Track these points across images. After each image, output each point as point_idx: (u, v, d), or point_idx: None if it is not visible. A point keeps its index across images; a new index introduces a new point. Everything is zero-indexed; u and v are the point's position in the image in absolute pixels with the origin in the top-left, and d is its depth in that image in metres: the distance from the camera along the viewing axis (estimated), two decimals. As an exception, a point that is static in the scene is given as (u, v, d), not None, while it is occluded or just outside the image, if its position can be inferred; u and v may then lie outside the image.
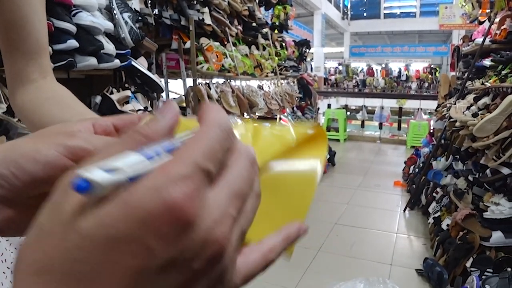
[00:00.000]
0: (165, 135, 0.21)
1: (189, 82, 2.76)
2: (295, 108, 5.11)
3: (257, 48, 4.09)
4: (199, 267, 0.19)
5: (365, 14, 16.69)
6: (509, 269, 2.07)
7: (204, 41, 2.95)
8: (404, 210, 3.83)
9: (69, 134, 0.27)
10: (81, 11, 1.58)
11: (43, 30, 0.59)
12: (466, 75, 3.63)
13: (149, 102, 2.22)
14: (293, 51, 5.26)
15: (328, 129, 8.11)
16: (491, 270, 2.17)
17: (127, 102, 1.90)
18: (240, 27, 3.65)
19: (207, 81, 3.13)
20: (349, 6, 16.47)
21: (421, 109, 8.14)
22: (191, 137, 0.20)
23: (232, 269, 0.21)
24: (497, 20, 3.21)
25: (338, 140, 7.92)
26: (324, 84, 12.04)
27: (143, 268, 0.17)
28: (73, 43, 1.47)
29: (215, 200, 0.19)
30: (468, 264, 2.30)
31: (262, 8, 4.46)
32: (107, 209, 0.17)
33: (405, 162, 5.19)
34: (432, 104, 7.30)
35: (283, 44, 4.91)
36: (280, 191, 0.29)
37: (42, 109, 0.54)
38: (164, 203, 0.17)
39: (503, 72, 2.84)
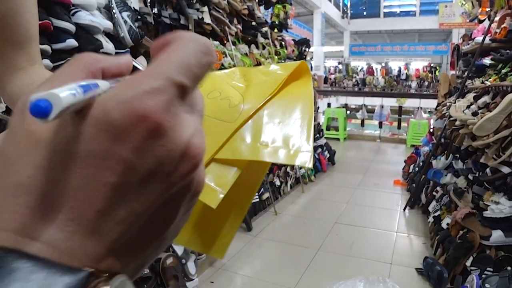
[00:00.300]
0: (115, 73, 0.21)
1: (189, 81, 2.75)
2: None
3: (257, 47, 4.08)
4: (179, 180, 0.19)
5: (365, 13, 16.67)
6: (509, 268, 2.07)
7: (203, 40, 2.94)
8: (404, 209, 3.83)
9: (91, 59, 0.25)
10: (80, 10, 1.58)
11: (33, 19, 0.60)
12: (466, 74, 3.63)
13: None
14: (293, 50, 5.25)
15: (328, 128, 8.11)
16: (491, 269, 2.17)
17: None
18: (239, 26, 3.64)
19: (207, 80, 3.13)
20: (349, 5, 16.45)
21: (421, 108, 8.14)
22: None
23: (202, 182, 0.21)
24: (497, 18, 3.21)
25: (338, 139, 7.92)
26: (325, 83, 12.03)
27: (123, 182, 0.17)
28: (72, 42, 1.46)
29: (187, 116, 0.19)
30: (468, 263, 2.30)
31: (262, 7, 4.46)
32: (77, 127, 0.17)
33: (405, 161, 5.19)
34: (432, 103, 7.30)
35: (283, 43, 4.90)
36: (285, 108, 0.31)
37: (28, 91, 0.53)
38: (136, 115, 0.17)
39: (503, 71, 2.84)
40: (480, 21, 3.92)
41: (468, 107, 2.84)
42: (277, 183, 4.03)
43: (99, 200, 0.17)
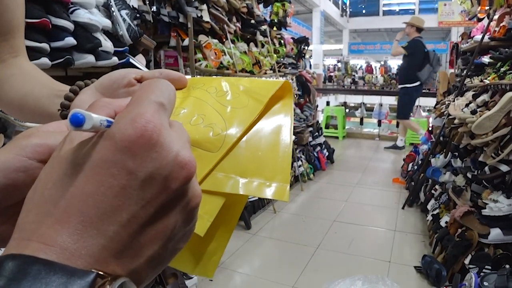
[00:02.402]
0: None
1: (188, 79, 2.74)
2: (293, 105, 5.10)
3: (256, 45, 4.08)
4: (176, 186, 0.21)
5: (364, 11, 16.65)
6: (507, 266, 2.07)
7: (202, 38, 2.94)
8: (403, 207, 3.83)
9: (26, 135, 0.28)
10: (78, 8, 1.58)
11: (17, 10, 0.59)
12: (465, 72, 3.63)
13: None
14: (292, 48, 5.25)
15: (327, 127, 8.11)
16: (489, 267, 2.17)
17: (126, 100, 1.90)
18: (238, 24, 3.64)
19: (206, 79, 3.12)
20: (348, 3, 16.43)
21: (420, 106, 8.14)
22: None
23: (199, 195, 0.24)
24: (496, 17, 3.21)
25: (337, 138, 7.92)
26: (329, 81, 12.03)
27: (125, 186, 0.20)
28: (70, 40, 1.46)
29: (174, 133, 0.23)
30: (466, 261, 2.30)
31: (261, 5, 4.45)
32: (91, 146, 0.21)
33: (403, 160, 5.19)
34: (431, 101, 7.30)
35: (282, 41, 4.90)
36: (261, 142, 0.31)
37: (7, 84, 0.55)
38: (135, 130, 0.20)
39: (502, 69, 2.85)
40: (479, 20, 3.92)
41: (467, 105, 2.84)
42: (276, 181, 4.03)
43: (104, 203, 0.20)
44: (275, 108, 0.33)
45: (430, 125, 5.23)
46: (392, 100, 8.85)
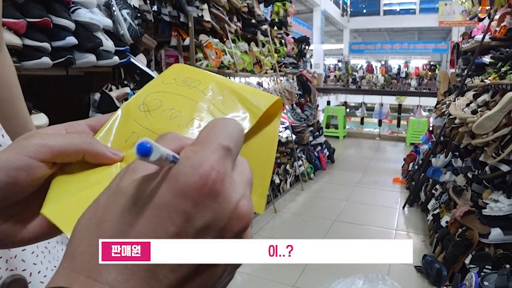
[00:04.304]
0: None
1: (188, 79, 2.75)
2: (294, 105, 5.10)
3: (257, 45, 4.08)
4: (230, 237, 0.21)
5: (364, 11, 16.63)
6: (507, 265, 2.08)
7: (203, 37, 2.94)
8: (403, 207, 3.83)
9: (27, 136, 0.28)
10: (79, 8, 1.58)
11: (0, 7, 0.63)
12: (465, 72, 3.63)
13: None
14: (293, 48, 5.25)
15: (328, 126, 8.10)
16: (489, 267, 2.18)
17: (126, 99, 1.90)
18: (239, 24, 3.64)
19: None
20: (348, 3, 16.41)
21: (420, 106, 8.14)
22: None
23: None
24: (497, 17, 3.21)
25: (337, 137, 7.92)
26: (338, 81, 12.05)
27: (181, 232, 0.20)
28: (71, 40, 1.46)
29: (238, 178, 0.22)
30: (467, 261, 2.31)
31: (262, 5, 4.45)
32: (157, 180, 0.21)
33: (404, 159, 5.19)
34: (431, 101, 7.30)
35: (283, 41, 4.90)
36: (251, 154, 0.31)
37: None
38: (199, 178, 0.20)
39: (503, 69, 2.84)
40: (480, 19, 3.92)
41: (467, 105, 2.84)
42: (277, 181, 4.04)
43: None
44: (263, 124, 0.33)
45: (431, 125, 5.23)
46: (392, 100, 8.85)
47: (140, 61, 1.99)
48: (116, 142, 0.30)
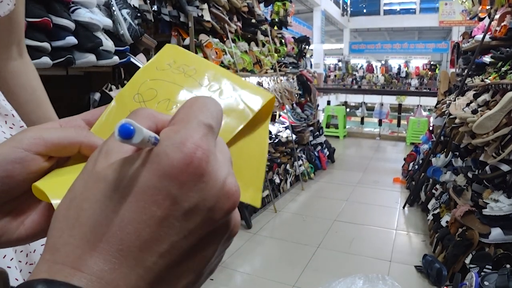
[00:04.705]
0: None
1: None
2: (294, 105, 5.10)
3: (257, 45, 4.07)
4: (219, 217, 0.21)
5: (364, 11, 16.64)
6: (508, 265, 2.08)
7: (203, 37, 2.94)
8: (404, 207, 3.83)
9: (23, 130, 0.28)
10: (79, 8, 1.58)
11: (23, 18, 0.72)
12: (465, 71, 3.63)
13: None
14: (293, 48, 5.25)
15: (328, 126, 8.10)
16: (490, 267, 2.17)
17: (126, 99, 1.89)
18: (239, 24, 3.64)
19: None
20: (348, 3, 16.42)
21: (420, 105, 8.14)
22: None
23: (238, 224, 0.24)
24: (497, 16, 3.20)
25: (337, 137, 7.92)
26: (343, 80, 12.09)
27: (168, 215, 0.19)
28: (71, 39, 1.46)
29: (221, 157, 0.22)
30: (467, 261, 2.31)
31: (262, 5, 4.45)
32: (138, 163, 0.20)
33: (404, 159, 5.19)
34: (431, 101, 7.30)
35: (283, 40, 4.89)
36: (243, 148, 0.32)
37: (24, 77, 0.70)
38: (183, 157, 0.19)
39: (503, 69, 2.84)
40: (480, 19, 3.92)
41: (467, 105, 2.84)
42: (277, 180, 4.04)
43: (146, 232, 0.19)
44: (257, 119, 0.33)
45: (431, 124, 5.23)
46: (392, 100, 8.85)
47: (140, 61, 1.99)
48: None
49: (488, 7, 3.69)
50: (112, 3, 1.79)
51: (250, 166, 0.31)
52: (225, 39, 3.30)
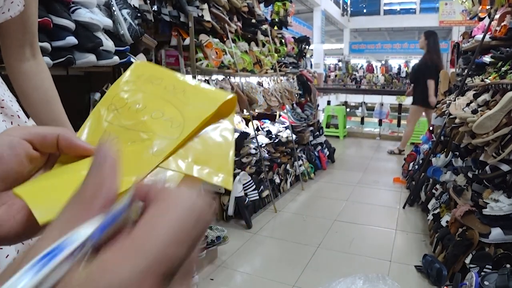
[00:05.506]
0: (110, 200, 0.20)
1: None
2: (294, 105, 5.10)
3: (257, 45, 4.08)
4: (209, 219, 0.19)
5: (365, 11, 16.64)
6: (508, 265, 2.07)
7: (203, 37, 2.94)
8: (404, 207, 3.83)
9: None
10: (80, 8, 1.58)
11: (37, 19, 0.74)
12: (465, 71, 3.63)
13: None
14: (293, 48, 5.25)
15: (328, 126, 8.10)
16: (490, 267, 2.17)
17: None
18: (239, 24, 3.64)
19: (207, 78, 3.13)
20: (348, 3, 16.42)
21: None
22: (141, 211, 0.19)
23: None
24: (497, 16, 3.20)
25: (337, 137, 7.92)
26: (354, 81, 12.11)
27: None
28: (72, 39, 1.46)
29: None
30: (467, 261, 2.30)
31: (262, 5, 4.45)
32: None
33: (404, 159, 5.19)
34: (431, 101, 7.27)
35: (283, 40, 4.89)
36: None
37: (38, 77, 0.72)
38: None
39: (503, 69, 2.84)
40: (480, 19, 3.92)
41: (467, 105, 2.84)
42: (277, 180, 4.04)
43: None
44: (220, 117, 0.37)
45: (431, 124, 5.22)
46: (393, 100, 8.85)
47: (140, 61, 1.99)
48: (91, 141, 0.33)
49: (488, 7, 3.69)
50: (112, 3, 1.79)
51: (219, 154, 0.34)
52: (225, 39, 3.30)
